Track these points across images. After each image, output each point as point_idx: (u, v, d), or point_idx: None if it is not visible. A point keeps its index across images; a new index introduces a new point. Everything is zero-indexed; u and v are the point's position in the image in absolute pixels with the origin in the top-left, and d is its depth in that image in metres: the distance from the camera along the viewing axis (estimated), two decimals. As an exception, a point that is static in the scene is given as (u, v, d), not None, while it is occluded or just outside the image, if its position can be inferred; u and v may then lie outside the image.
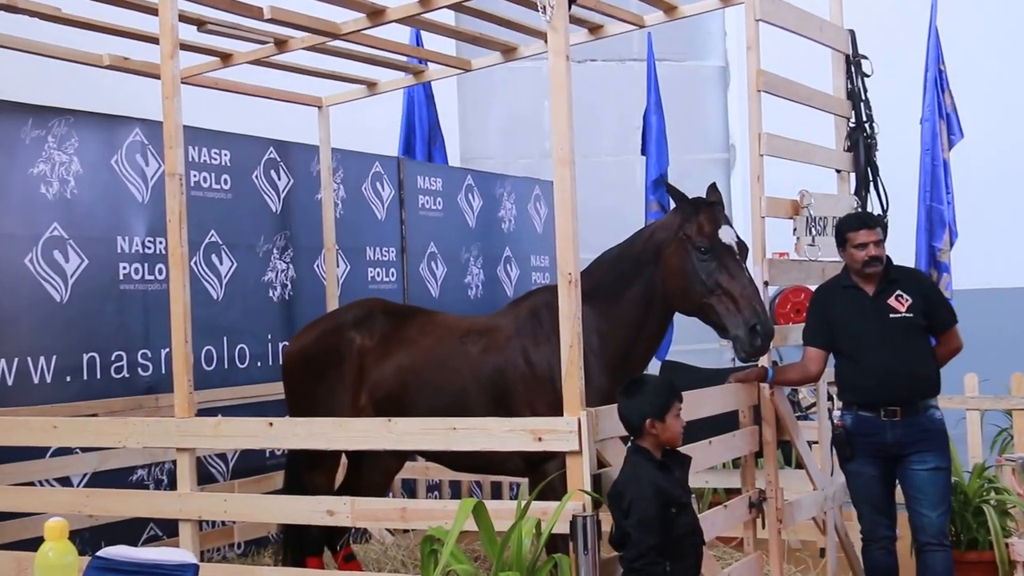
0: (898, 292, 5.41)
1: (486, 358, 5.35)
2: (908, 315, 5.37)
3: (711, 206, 5.07)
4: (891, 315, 5.37)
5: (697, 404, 5.11)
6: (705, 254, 4.91)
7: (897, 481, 5.42)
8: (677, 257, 4.99)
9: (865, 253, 5.42)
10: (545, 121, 12.73)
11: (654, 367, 8.09)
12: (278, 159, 7.60)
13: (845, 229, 5.51)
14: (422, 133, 9.92)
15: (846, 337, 5.45)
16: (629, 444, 4.36)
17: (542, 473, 4.85)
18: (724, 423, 5.61)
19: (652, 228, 5.25)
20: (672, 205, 5.17)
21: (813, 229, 5.99)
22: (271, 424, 5.05)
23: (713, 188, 5.23)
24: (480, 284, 9.44)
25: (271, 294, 7.48)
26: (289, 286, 7.61)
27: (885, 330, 5.36)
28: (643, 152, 9.69)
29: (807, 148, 6.14)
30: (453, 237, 9.18)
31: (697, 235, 4.95)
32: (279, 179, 7.60)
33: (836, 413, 5.54)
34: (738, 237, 5.02)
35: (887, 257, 5.52)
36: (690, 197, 5.10)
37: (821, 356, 5.53)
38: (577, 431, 4.33)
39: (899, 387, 5.31)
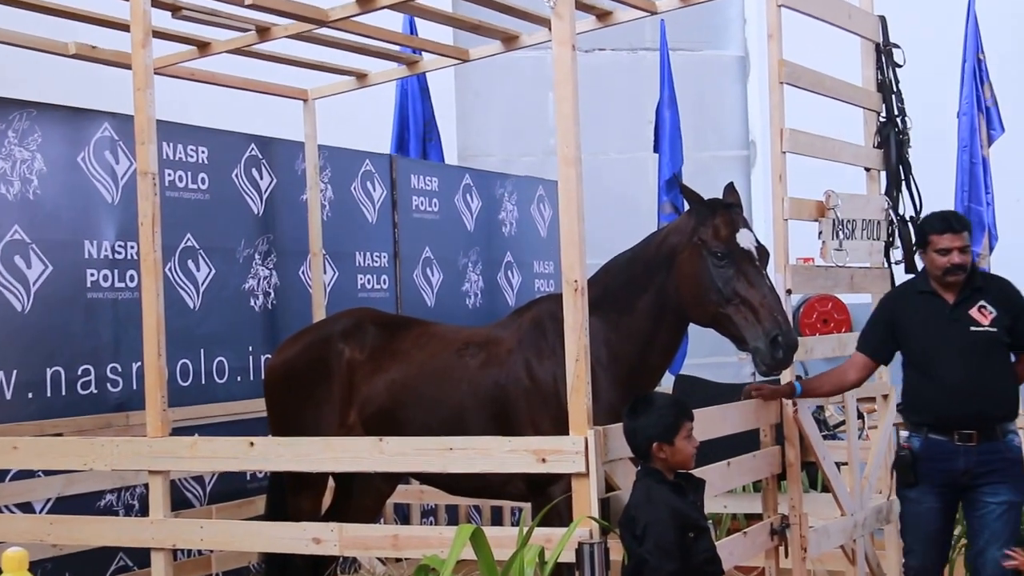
0: (982, 303, 5.28)
1: (486, 372, 5.34)
2: (991, 329, 5.23)
3: (728, 208, 5.06)
4: (971, 328, 5.24)
5: (714, 422, 5.09)
6: (721, 260, 4.90)
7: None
8: (691, 263, 4.98)
9: (948, 260, 5.31)
10: (549, 116, 12.73)
11: (667, 382, 8.07)
12: (260, 157, 7.59)
13: (928, 231, 5.41)
14: (416, 129, 9.91)
15: (917, 349, 5.33)
16: (639, 466, 4.35)
17: (546, 497, 4.84)
18: (744, 443, 5.59)
19: (665, 232, 5.25)
20: (686, 207, 5.16)
21: (840, 233, 5.98)
22: (252, 444, 5.03)
23: (730, 188, 5.22)
24: (479, 292, 9.43)
25: (252, 303, 7.46)
26: (272, 294, 7.59)
27: (964, 344, 5.23)
28: (655, 149, 9.68)
29: (834, 145, 6.13)
30: (450, 241, 9.17)
31: (713, 239, 4.93)
32: (261, 178, 7.59)
33: (903, 435, 5.47)
34: (757, 241, 5.01)
35: (973, 263, 5.42)
36: (705, 198, 5.08)
37: (867, 365, 5.47)
38: (584, 451, 4.31)
39: (976, 408, 5.18)
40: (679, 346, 5.30)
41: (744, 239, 4.96)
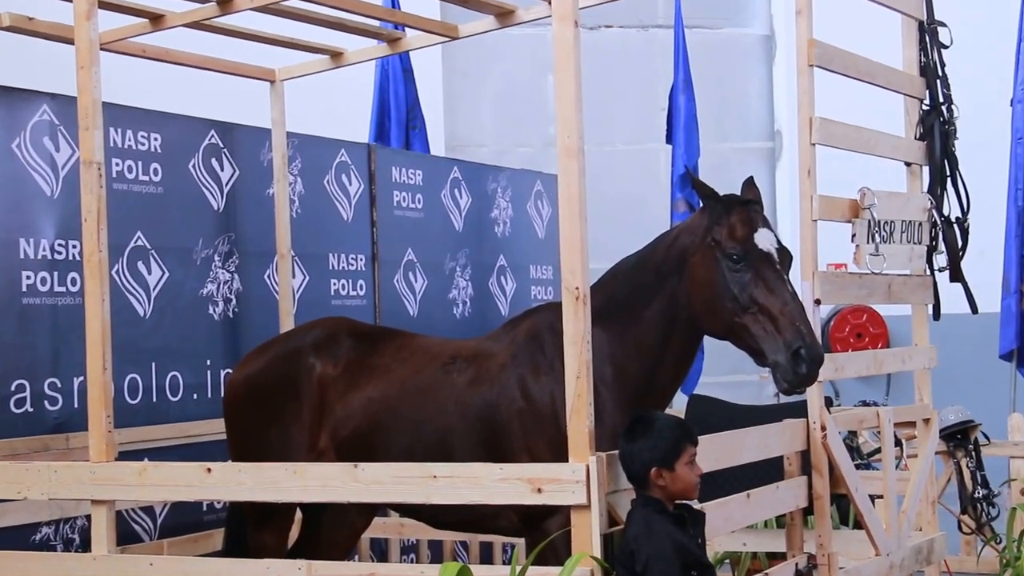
0: None
1: (475, 391, 5.35)
2: None
3: (746, 205, 5.07)
4: None
5: (732, 449, 5.09)
6: (738, 263, 4.90)
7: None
8: (704, 267, 4.98)
9: None
10: (549, 101, 12.73)
11: (679, 402, 8.06)
12: (221, 145, 7.59)
13: None
14: (398, 115, 9.92)
15: None
16: (636, 494, 4.36)
17: (542, 532, 4.84)
18: (766, 472, 5.59)
19: (676, 232, 5.26)
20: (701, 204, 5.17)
21: (877, 235, 5.99)
22: (209, 470, 5.02)
23: (750, 183, 5.23)
24: (468, 300, 9.43)
25: (211, 310, 7.46)
26: (234, 301, 7.59)
27: None
28: (669, 140, 9.71)
29: (870, 136, 6.14)
30: (435, 242, 9.17)
31: (728, 239, 4.94)
32: (222, 169, 7.59)
33: None
34: (779, 242, 5.02)
35: None
36: (721, 194, 5.09)
37: None
38: (585, 480, 4.31)
39: None
40: (692, 361, 5.31)
41: (763, 240, 4.96)
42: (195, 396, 7.32)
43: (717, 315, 4.97)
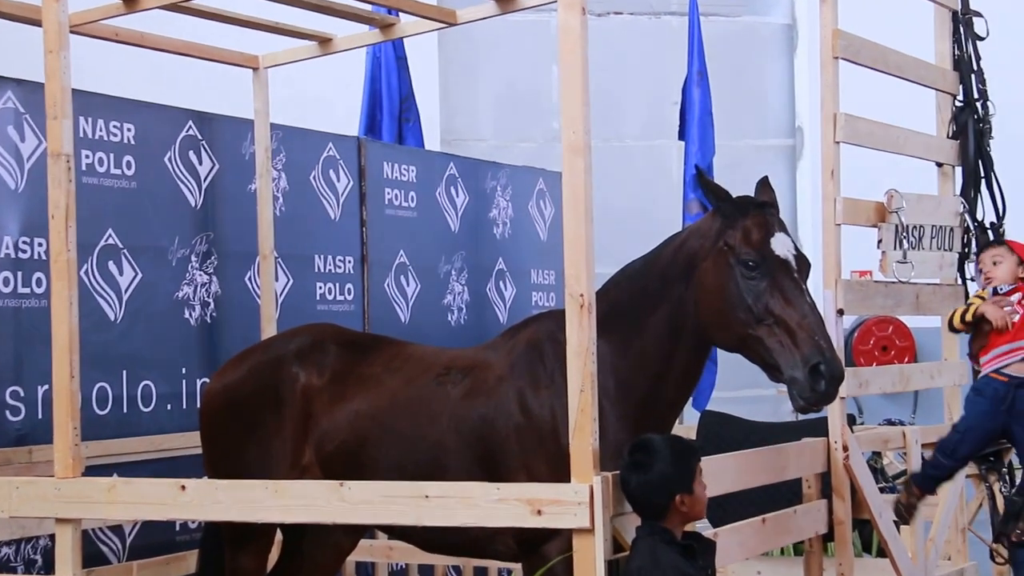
0: None
1: (470, 404, 5.35)
2: None
3: (761, 208, 5.08)
4: None
5: (747, 469, 5.10)
6: (753, 270, 4.91)
7: None
8: (715, 273, 4.99)
9: None
10: (553, 93, 12.73)
11: (691, 418, 8.06)
12: (199, 137, 7.59)
13: None
14: (391, 107, 9.91)
15: None
16: (643, 522, 4.36)
17: (540, 557, 4.84)
18: (782, 494, 5.59)
19: (684, 235, 5.26)
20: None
21: (905, 241, 5.99)
22: (184, 487, 5.02)
23: (765, 184, 5.24)
24: (464, 306, 9.42)
25: (187, 314, 7.45)
26: (212, 305, 7.58)
27: None
28: (681, 136, 9.69)
29: (898, 134, 6.14)
30: (429, 244, 9.17)
31: (742, 245, 4.94)
32: (200, 163, 7.59)
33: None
34: (796, 249, 5.03)
35: None
36: (733, 195, 5.10)
37: None
38: (589, 502, 4.32)
39: None
40: (700, 375, 5.30)
41: (780, 245, 4.97)
42: (169, 407, 7.32)
43: (729, 326, 4.97)
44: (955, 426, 5.51)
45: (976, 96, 6.47)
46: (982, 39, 6.52)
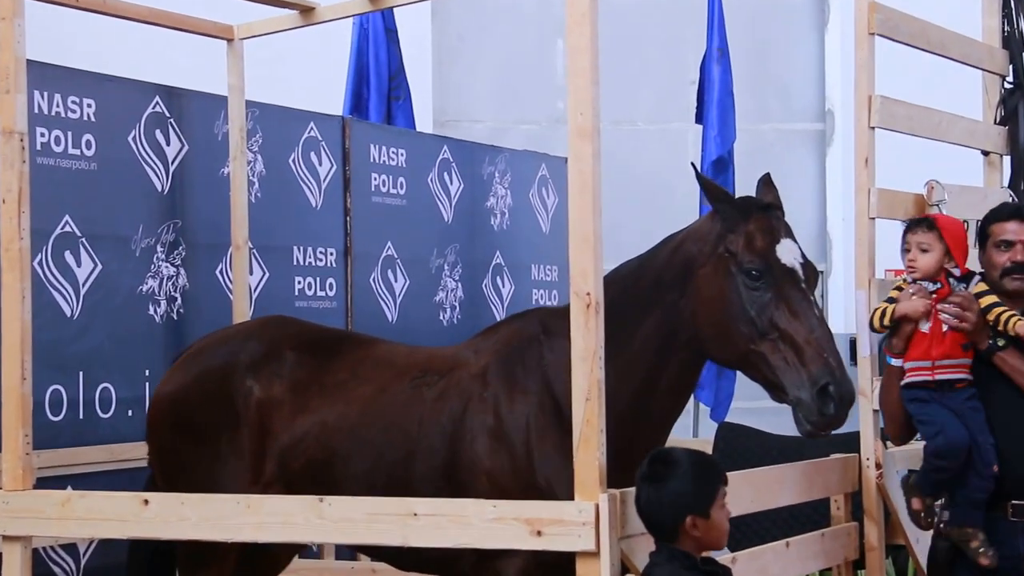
0: None
1: (441, 406, 5.37)
2: None
3: (765, 210, 5.08)
4: None
5: (768, 488, 5.09)
6: (756, 280, 4.91)
7: None
8: (715, 282, 4.98)
9: (1008, 256, 5.40)
10: (558, 71, 12.73)
11: (707, 431, 8.05)
12: (167, 114, 7.58)
13: (991, 219, 5.50)
14: (379, 84, 9.91)
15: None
16: (658, 546, 4.36)
17: (492, 573, 4.88)
18: (808, 516, 5.58)
19: (681, 237, 5.24)
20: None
21: (947, 237, 5.98)
22: (147, 502, 5.01)
23: (767, 182, 5.26)
24: (458, 304, 9.42)
25: (152, 310, 7.44)
26: (179, 300, 7.57)
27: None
28: (699, 119, 9.69)
29: (940, 119, 6.13)
30: (420, 235, 9.17)
31: (745, 252, 4.94)
32: (168, 143, 7.58)
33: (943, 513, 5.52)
34: (804, 256, 5.03)
35: None
36: (735, 196, 5.10)
37: None
38: (594, 522, 4.32)
39: None
40: (692, 390, 5.31)
41: (786, 253, 4.97)
42: (130, 412, 7.30)
43: (728, 340, 4.97)
44: (925, 434, 5.48)
45: (1028, 77, 6.47)
46: (1035, 14, 6.52)
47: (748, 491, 4.99)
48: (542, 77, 12.89)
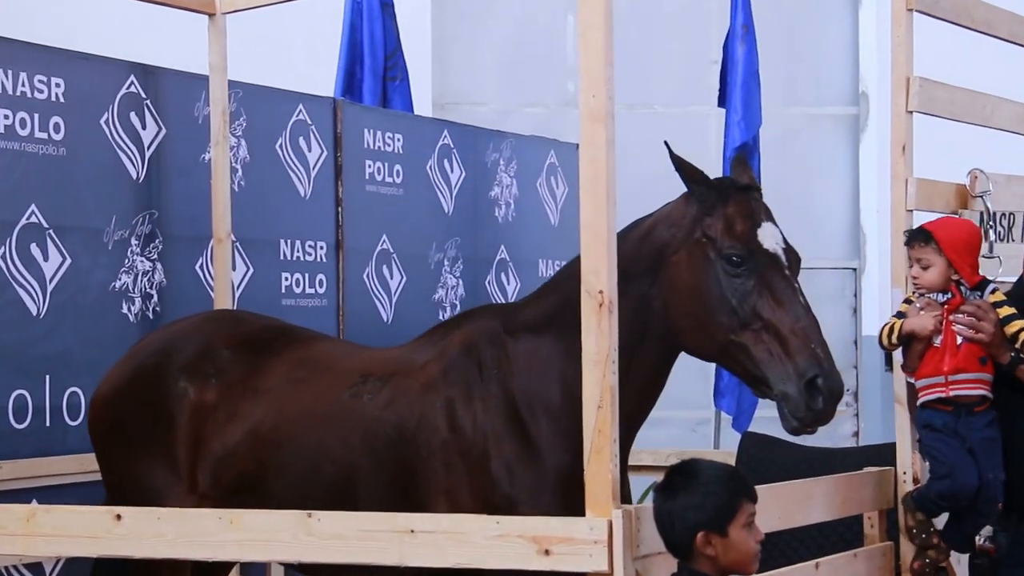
0: None
1: (388, 416, 5.38)
2: None
3: (745, 192, 5.12)
4: None
5: (795, 504, 5.09)
6: (738, 266, 4.94)
7: None
8: (691, 270, 5.02)
9: None
10: (569, 50, 12.73)
11: (730, 442, 8.05)
12: (143, 95, 7.58)
13: None
14: (374, 63, 9.91)
15: None
16: (678, 566, 4.37)
17: None
18: (839, 534, 5.58)
19: (649, 223, 5.26)
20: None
21: (991, 232, 5.99)
22: (119, 517, 5.01)
23: (740, 162, 5.37)
24: (459, 302, 9.42)
25: (126, 309, 7.45)
26: (155, 297, 7.58)
27: None
28: (721, 103, 9.69)
29: (985, 102, 6.13)
30: (418, 228, 9.18)
31: (725, 237, 4.98)
32: (144, 127, 7.58)
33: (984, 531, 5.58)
34: (786, 241, 5.08)
35: None
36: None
37: None
38: (607, 541, 4.32)
39: None
40: (662, 386, 5.31)
41: (769, 237, 5.01)
42: (102, 420, 7.31)
43: (707, 331, 5.01)
44: (934, 472, 5.50)
45: (1081, 58, 6.48)
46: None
47: (774, 507, 4.99)
48: (551, 56, 12.89)
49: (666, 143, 5.21)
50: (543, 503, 4.94)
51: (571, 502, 4.77)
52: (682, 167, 5.12)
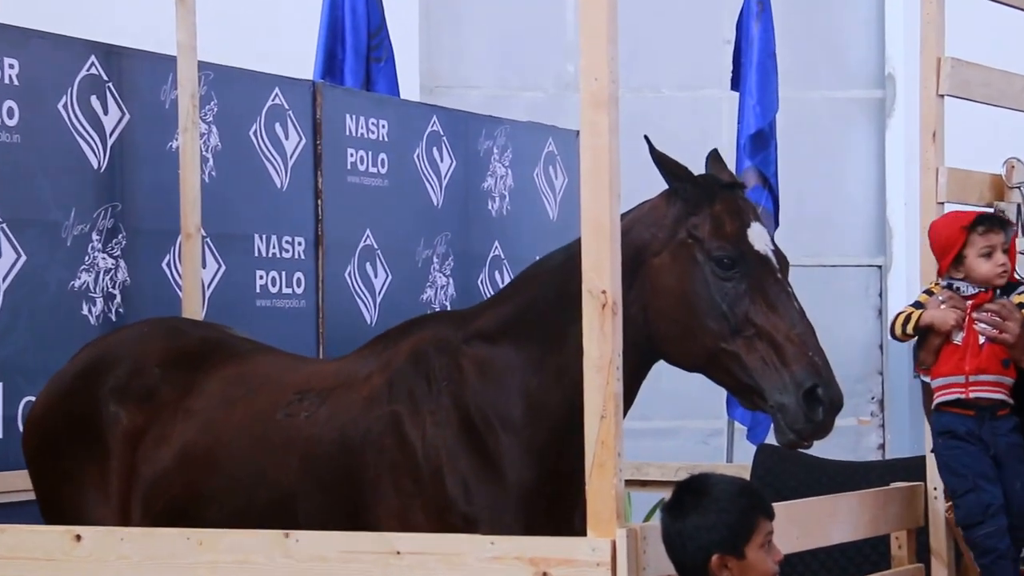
0: None
1: (328, 434, 5.39)
2: None
3: (731, 190, 5.16)
4: None
5: (819, 522, 5.09)
6: (728, 269, 4.97)
7: None
8: (676, 273, 5.04)
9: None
10: (568, 28, 12.74)
11: (745, 453, 8.05)
12: (104, 77, 7.58)
13: None
14: (356, 42, 9.92)
15: None
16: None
17: None
18: (864, 556, 5.59)
19: (626, 221, 5.22)
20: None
21: (1028, 225, 6.01)
22: (79, 537, 5.02)
23: (715, 158, 5.39)
24: (449, 303, 9.43)
25: (86, 309, 7.45)
26: (118, 297, 7.58)
27: None
28: (735, 86, 9.70)
29: (1022, 85, 6.13)
30: (405, 222, 9.18)
31: (713, 237, 5.00)
32: (106, 112, 7.58)
33: None
34: (774, 243, 5.12)
35: None
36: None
37: None
38: (610, 563, 4.32)
39: None
40: (633, 397, 5.31)
41: (758, 238, 5.05)
42: (61, 431, 7.32)
43: (693, 339, 5.02)
44: (954, 489, 5.50)
45: None
46: None
47: (791, 526, 4.99)
48: (550, 35, 12.89)
49: (646, 137, 5.21)
50: (504, 522, 4.95)
51: (534, 522, 4.81)
52: (663, 163, 5.13)
